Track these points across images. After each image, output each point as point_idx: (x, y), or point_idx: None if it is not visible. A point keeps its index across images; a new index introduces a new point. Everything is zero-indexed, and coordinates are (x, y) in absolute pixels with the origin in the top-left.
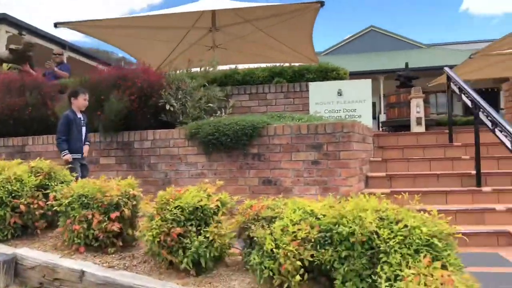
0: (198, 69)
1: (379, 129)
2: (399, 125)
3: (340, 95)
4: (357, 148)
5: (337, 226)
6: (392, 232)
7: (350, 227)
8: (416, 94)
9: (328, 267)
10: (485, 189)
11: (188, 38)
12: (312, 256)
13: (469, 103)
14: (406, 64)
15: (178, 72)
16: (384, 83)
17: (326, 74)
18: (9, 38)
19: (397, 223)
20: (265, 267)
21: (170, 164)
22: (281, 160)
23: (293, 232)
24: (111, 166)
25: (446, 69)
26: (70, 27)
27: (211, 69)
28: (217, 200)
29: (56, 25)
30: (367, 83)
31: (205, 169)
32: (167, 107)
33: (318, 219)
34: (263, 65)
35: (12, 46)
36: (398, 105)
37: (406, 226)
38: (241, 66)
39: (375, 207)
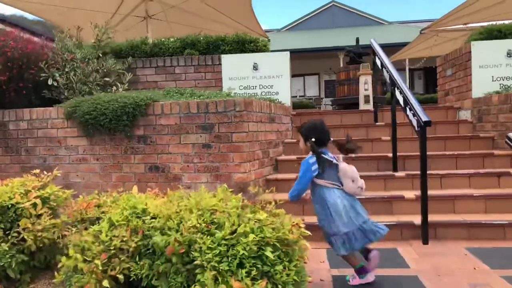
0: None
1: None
2: (348, 103)
3: (256, 69)
4: (257, 129)
5: (158, 232)
6: (214, 241)
7: (168, 234)
8: (364, 71)
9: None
10: (398, 174)
11: (122, 9)
12: (129, 270)
13: (387, 78)
14: (357, 39)
15: (64, 41)
16: (344, 61)
17: (244, 45)
18: None
19: (231, 227)
20: (71, 285)
21: (49, 148)
22: (169, 143)
23: (106, 241)
24: None
25: (372, 41)
26: None
27: (107, 38)
28: (36, 197)
29: None
30: (284, 56)
31: (86, 153)
32: (50, 81)
33: (152, 220)
34: None
35: None
36: (348, 82)
37: (234, 232)
38: None
39: (210, 206)
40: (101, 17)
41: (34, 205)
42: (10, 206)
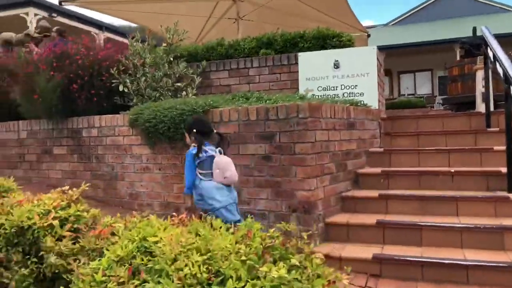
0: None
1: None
2: (462, 103)
3: (337, 67)
4: (328, 137)
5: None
6: None
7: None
8: (481, 65)
9: None
10: None
11: (216, 12)
12: None
13: (501, 74)
14: (474, 29)
15: (135, 46)
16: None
17: (325, 41)
18: (39, 21)
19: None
20: None
21: (116, 155)
22: (227, 153)
23: (100, 281)
24: (64, 156)
25: (483, 29)
26: (76, 5)
27: (178, 40)
28: (54, 218)
29: (61, 2)
30: (370, 52)
31: (150, 162)
32: (121, 88)
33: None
34: None
35: (30, 32)
36: (462, 79)
37: None
38: None
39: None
40: (197, 21)
41: (52, 226)
42: (27, 227)
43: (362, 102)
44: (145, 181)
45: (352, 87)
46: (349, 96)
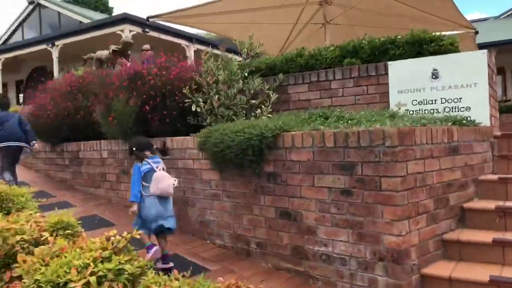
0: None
1: None
2: None
3: (436, 77)
4: (424, 168)
5: None
6: None
7: None
8: None
9: None
10: None
11: (302, 17)
12: None
13: None
14: None
15: (208, 63)
16: None
17: (421, 47)
18: (133, 36)
19: None
20: None
21: (187, 180)
22: (301, 185)
23: None
24: None
25: None
26: (163, 20)
27: (254, 54)
28: (92, 273)
29: (148, 19)
30: (479, 57)
31: (219, 189)
32: (193, 107)
33: None
34: None
35: (113, 47)
36: None
37: None
38: None
39: None
40: (283, 30)
41: (88, 284)
42: (63, 283)
43: (468, 119)
44: (215, 209)
45: (456, 100)
46: (452, 111)
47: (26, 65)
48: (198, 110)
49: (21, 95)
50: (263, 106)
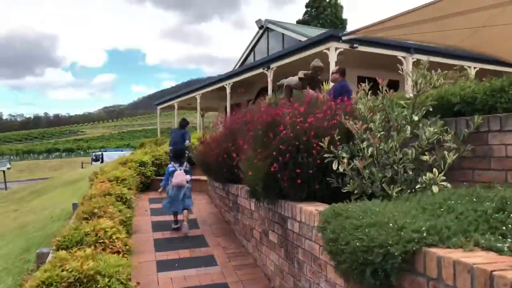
0: None
1: None
2: None
3: None
4: None
5: None
6: None
7: None
8: None
9: None
10: None
11: None
12: None
13: None
14: None
15: (360, 104)
16: None
17: None
18: (341, 53)
19: None
20: None
21: (313, 270)
22: None
23: None
24: (275, 246)
25: None
26: (360, 35)
27: (430, 88)
28: None
29: (340, 38)
30: None
31: None
32: (334, 165)
33: None
34: None
35: (301, 74)
36: None
37: None
38: None
39: None
40: None
41: None
42: None
43: None
44: None
45: None
46: None
47: (254, 86)
48: (341, 169)
49: None
50: (435, 170)
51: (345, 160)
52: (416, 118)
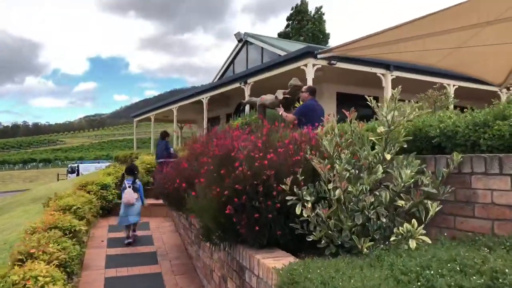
0: None
1: None
2: None
3: None
4: None
5: None
6: None
7: None
8: None
9: None
10: None
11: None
12: None
13: None
14: None
15: (325, 136)
16: None
17: None
18: (319, 70)
19: None
20: None
21: None
22: None
23: None
24: None
25: None
26: (336, 53)
27: (403, 121)
28: None
29: (316, 55)
30: None
31: None
32: (298, 209)
33: None
34: None
35: (280, 94)
36: None
37: None
38: None
39: None
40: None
41: None
42: None
43: None
44: None
45: None
46: None
47: (233, 99)
48: (305, 214)
49: None
50: (414, 221)
51: (309, 205)
52: (388, 156)
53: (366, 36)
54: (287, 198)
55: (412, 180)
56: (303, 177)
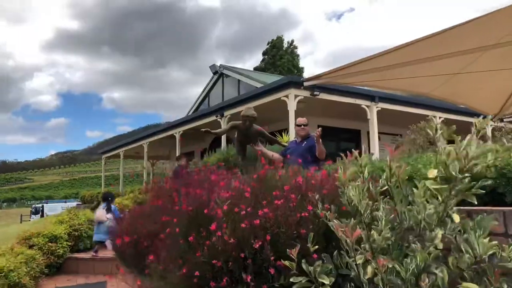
0: None
1: None
2: None
3: None
4: None
5: None
6: None
7: None
8: None
9: None
10: None
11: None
12: None
13: None
14: None
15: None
16: None
17: None
18: (302, 101)
19: None
20: None
21: None
22: None
23: None
24: None
25: None
26: (322, 82)
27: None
28: None
29: (303, 82)
30: None
31: None
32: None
33: None
34: None
35: (228, 125)
36: None
37: None
38: None
39: None
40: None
41: None
42: None
43: None
44: None
45: None
46: None
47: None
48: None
49: None
50: None
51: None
52: (457, 218)
53: (356, 61)
54: (293, 279)
55: (491, 252)
56: (315, 246)
